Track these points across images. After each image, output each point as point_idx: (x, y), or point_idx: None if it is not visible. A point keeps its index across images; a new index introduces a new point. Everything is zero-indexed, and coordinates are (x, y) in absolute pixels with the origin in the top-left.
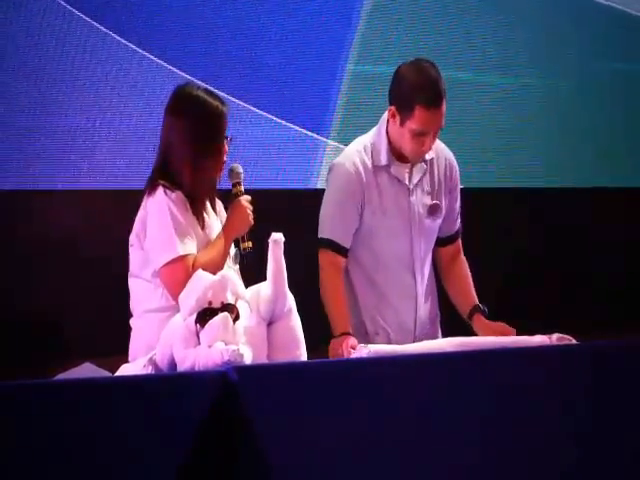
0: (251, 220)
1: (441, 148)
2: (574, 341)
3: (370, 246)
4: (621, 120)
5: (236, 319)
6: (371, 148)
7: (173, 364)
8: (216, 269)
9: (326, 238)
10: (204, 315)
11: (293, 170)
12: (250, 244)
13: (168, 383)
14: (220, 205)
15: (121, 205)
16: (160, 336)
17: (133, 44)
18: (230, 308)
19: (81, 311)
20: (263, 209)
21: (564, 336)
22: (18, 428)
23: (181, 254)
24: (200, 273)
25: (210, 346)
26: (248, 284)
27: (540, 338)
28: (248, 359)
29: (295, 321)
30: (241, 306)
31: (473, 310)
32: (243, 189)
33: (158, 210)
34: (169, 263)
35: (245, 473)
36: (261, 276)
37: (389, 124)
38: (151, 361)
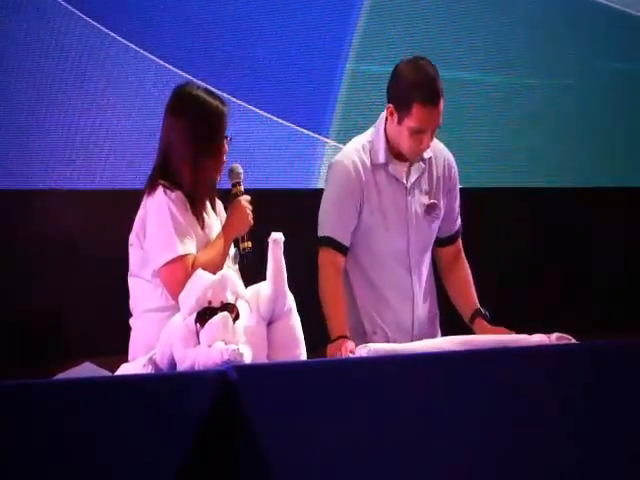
0: (251, 220)
1: (440, 148)
2: (573, 340)
3: (368, 245)
4: (621, 120)
5: (236, 319)
6: (369, 146)
7: (173, 363)
8: (216, 269)
9: (326, 236)
10: (204, 315)
11: (293, 170)
12: (250, 244)
13: (168, 382)
14: (220, 205)
15: (121, 205)
16: (160, 336)
17: (133, 44)
18: (230, 308)
19: (81, 311)
20: (263, 209)
21: (564, 335)
22: (18, 428)
23: (181, 254)
24: (200, 273)
25: (210, 345)
26: (248, 284)
27: (539, 337)
28: (248, 358)
29: (295, 321)
30: (241, 306)
31: (475, 314)
32: (243, 189)
33: (158, 210)
34: (169, 263)
35: (245, 473)
36: (261, 276)
37: (387, 122)
38: (151, 361)
